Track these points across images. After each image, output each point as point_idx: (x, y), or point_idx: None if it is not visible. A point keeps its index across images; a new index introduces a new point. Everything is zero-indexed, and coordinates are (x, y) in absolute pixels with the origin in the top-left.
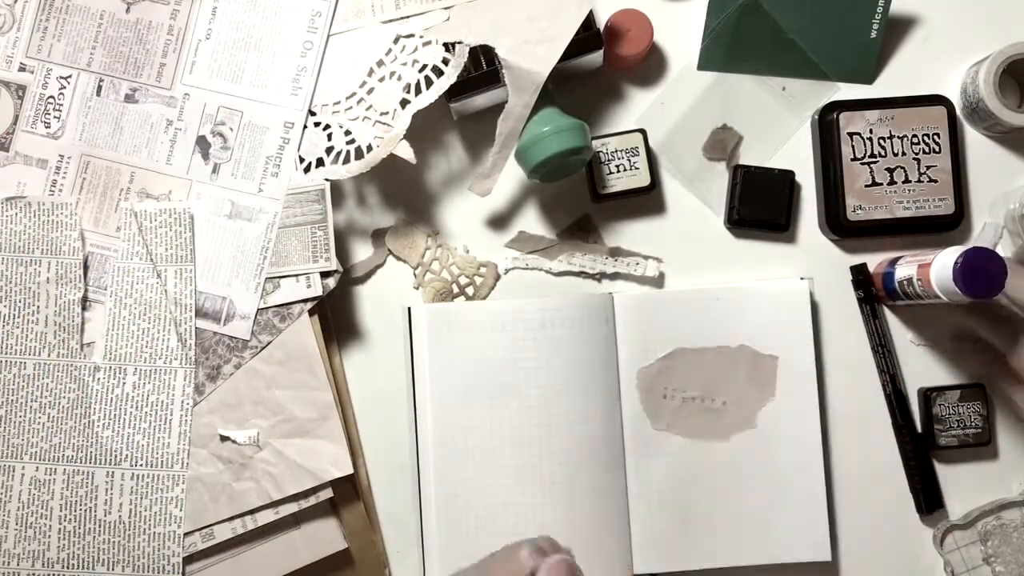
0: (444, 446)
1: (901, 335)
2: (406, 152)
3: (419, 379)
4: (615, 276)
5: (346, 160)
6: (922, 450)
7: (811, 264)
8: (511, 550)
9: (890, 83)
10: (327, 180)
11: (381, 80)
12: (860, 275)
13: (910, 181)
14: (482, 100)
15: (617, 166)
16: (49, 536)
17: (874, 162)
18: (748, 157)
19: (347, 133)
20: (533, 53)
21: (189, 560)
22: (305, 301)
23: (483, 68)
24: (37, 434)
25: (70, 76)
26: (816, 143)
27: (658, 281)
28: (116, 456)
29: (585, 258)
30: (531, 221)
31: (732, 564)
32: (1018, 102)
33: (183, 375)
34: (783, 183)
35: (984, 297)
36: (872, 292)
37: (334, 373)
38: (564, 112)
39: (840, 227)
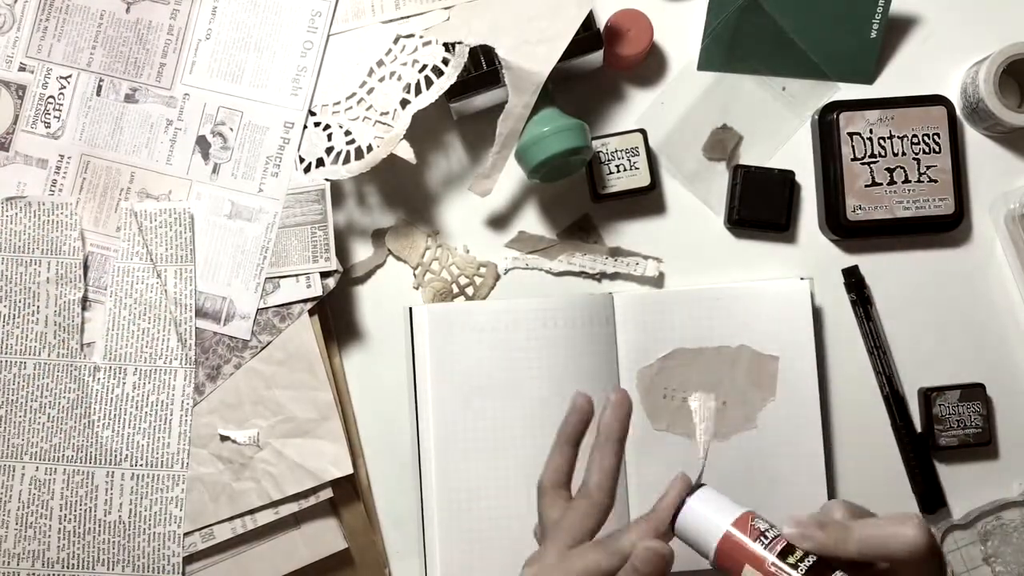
0: (445, 446)
1: (898, 336)
2: (406, 152)
3: (420, 379)
4: (615, 276)
5: (346, 160)
6: (922, 450)
7: (811, 264)
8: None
9: (890, 83)
10: (327, 180)
11: (381, 80)
12: (852, 277)
13: (910, 181)
14: (482, 100)
15: (617, 166)
16: (49, 536)
17: (874, 162)
18: (748, 157)
19: (347, 133)
20: (533, 53)
21: (189, 560)
22: (305, 301)
23: (483, 68)
24: (37, 434)
25: (70, 76)
26: (816, 143)
27: (658, 281)
28: (116, 456)
29: (585, 258)
30: (531, 221)
31: None
32: (1018, 102)
33: (183, 375)
34: (783, 183)
35: None
36: (865, 294)
37: (334, 373)
38: (564, 112)
39: (840, 227)
